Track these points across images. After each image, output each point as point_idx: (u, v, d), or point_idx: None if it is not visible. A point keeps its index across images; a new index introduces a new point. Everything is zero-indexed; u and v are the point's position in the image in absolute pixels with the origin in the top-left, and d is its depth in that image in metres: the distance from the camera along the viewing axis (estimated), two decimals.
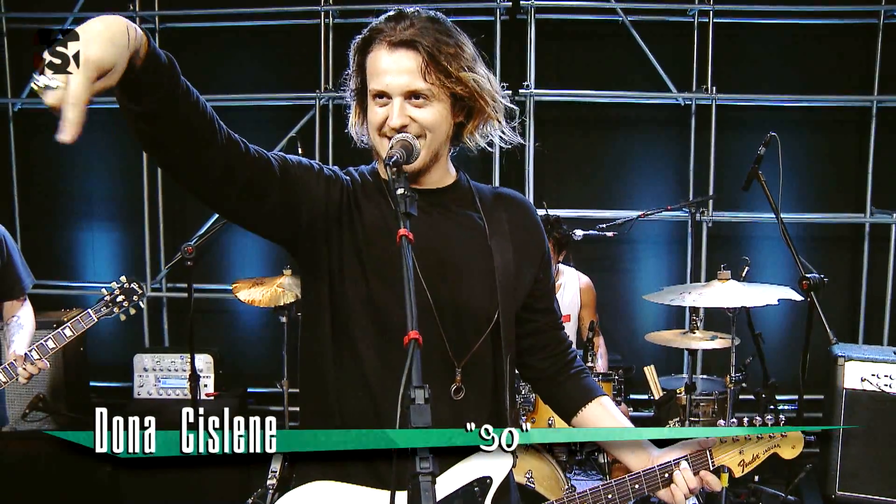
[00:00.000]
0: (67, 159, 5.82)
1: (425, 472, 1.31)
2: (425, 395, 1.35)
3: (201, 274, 5.57)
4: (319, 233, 1.74)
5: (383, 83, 1.67)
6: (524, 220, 1.90)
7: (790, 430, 1.93)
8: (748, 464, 1.93)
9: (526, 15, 5.37)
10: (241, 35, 5.58)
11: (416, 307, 1.43)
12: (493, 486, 1.77)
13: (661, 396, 4.35)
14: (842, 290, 5.59)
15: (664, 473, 1.83)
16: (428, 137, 1.71)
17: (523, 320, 1.93)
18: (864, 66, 5.40)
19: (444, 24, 1.71)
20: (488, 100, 1.74)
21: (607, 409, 1.93)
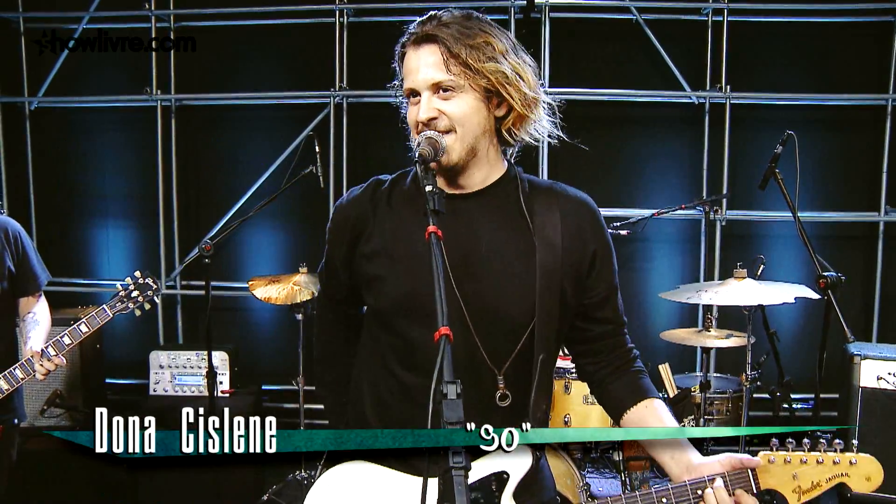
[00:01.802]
0: (83, 157, 5.85)
1: (458, 466, 1.33)
2: (458, 390, 1.37)
3: (217, 271, 5.60)
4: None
5: (412, 81, 1.70)
6: (579, 221, 1.84)
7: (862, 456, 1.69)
8: (806, 491, 1.67)
9: (540, 14, 5.37)
10: (255, 33, 5.60)
11: (446, 307, 1.45)
12: (512, 482, 1.76)
13: (676, 394, 4.35)
14: (856, 288, 5.57)
15: (696, 490, 1.68)
16: (459, 132, 1.71)
17: (578, 328, 1.89)
18: (878, 65, 5.38)
19: (476, 19, 1.72)
20: (513, 92, 1.71)
21: (655, 411, 1.84)
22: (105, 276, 5.86)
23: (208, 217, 5.63)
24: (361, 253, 1.84)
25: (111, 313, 3.36)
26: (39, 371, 3.18)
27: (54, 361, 3.21)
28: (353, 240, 1.85)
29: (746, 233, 5.54)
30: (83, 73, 5.69)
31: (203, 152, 5.84)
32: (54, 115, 5.82)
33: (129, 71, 5.65)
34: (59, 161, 5.87)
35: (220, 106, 5.70)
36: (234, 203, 5.60)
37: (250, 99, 5.60)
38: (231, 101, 5.64)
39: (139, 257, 5.86)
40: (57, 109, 5.80)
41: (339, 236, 1.89)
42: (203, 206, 5.79)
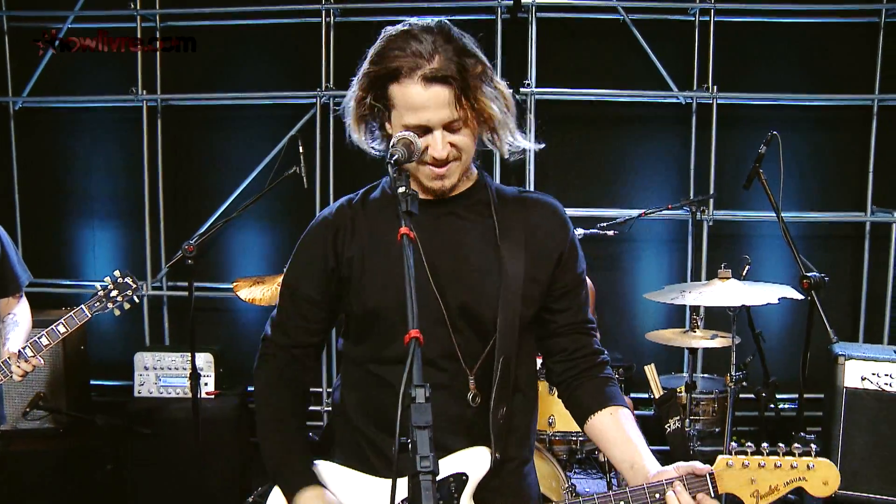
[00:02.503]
0: (68, 157, 5.83)
1: (426, 471, 1.32)
2: (426, 394, 1.37)
3: (202, 272, 5.58)
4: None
5: (424, 119, 1.71)
6: (544, 222, 1.90)
7: (819, 461, 1.66)
8: (763, 496, 1.67)
9: (527, 13, 5.36)
10: (242, 33, 5.58)
11: (427, 307, 1.47)
12: (471, 483, 1.80)
13: (662, 395, 4.35)
14: (842, 288, 5.59)
15: (654, 493, 1.69)
16: (463, 158, 1.78)
17: (542, 321, 1.93)
18: (865, 65, 5.38)
19: (460, 41, 1.75)
20: (502, 133, 1.81)
21: (618, 421, 1.85)
22: (91, 276, 5.82)
23: (194, 217, 5.60)
24: (342, 260, 1.86)
25: (89, 314, 3.35)
26: (16, 372, 3.16)
27: (31, 363, 3.19)
28: (335, 248, 1.87)
29: (733, 233, 5.55)
30: (68, 73, 5.65)
31: (189, 153, 5.81)
32: (39, 115, 5.78)
33: (116, 71, 5.62)
34: (45, 161, 5.83)
35: (207, 106, 5.68)
36: (221, 203, 5.58)
37: (237, 99, 5.58)
38: (217, 101, 5.62)
39: (125, 258, 5.83)
40: (42, 109, 5.77)
41: (317, 248, 1.89)
42: (189, 206, 5.77)
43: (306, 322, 1.93)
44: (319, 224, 1.92)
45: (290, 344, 1.95)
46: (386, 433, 1.83)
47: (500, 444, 1.81)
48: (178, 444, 4.37)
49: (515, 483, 1.91)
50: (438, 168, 1.76)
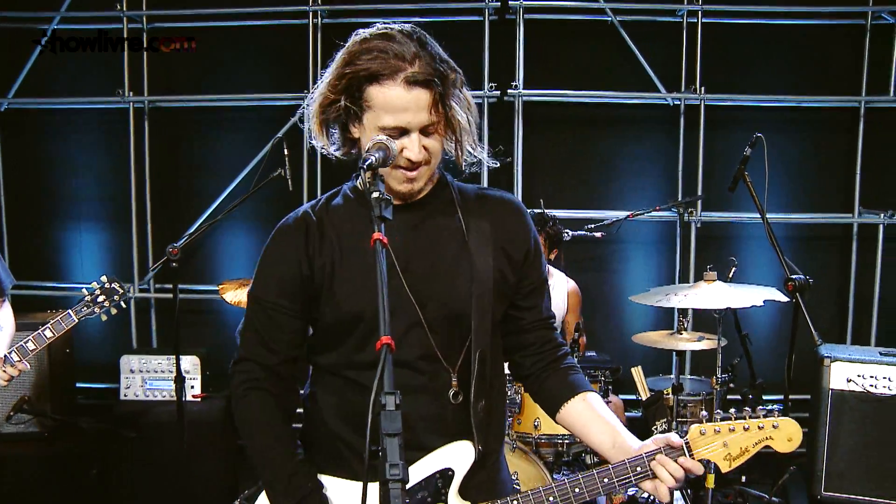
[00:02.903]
0: (55, 159, 5.80)
1: (395, 479, 1.32)
2: (396, 401, 1.38)
3: (189, 275, 5.57)
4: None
5: (404, 121, 1.72)
6: (507, 220, 1.93)
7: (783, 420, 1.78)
8: (735, 458, 1.78)
9: (515, 15, 5.36)
10: (229, 35, 5.56)
11: (390, 312, 1.47)
12: (457, 478, 1.82)
13: (649, 397, 4.34)
14: (830, 289, 5.60)
15: (636, 467, 1.76)
16: (432, 163, 1.80)
17: (509, 318, 1.97)
18: (851, 67, 5.40)
19: (435, 47, 1.76)
20: (465, 143, 1.82)
21: (591, 405, 1.92)
22: (77, 279, 5.80)
23: (182, 220, 5.58)
24: (315, 268, 1.84)
25: (76, 318, 3.35)
26: (2, 377, 3.15)
27: (18, 367, 3.19)
28: (307, 254, 1.84)
29: (721, 234, 5.55)
30: (54, 74, 5.63)
31: (176, 154, 5.79)
32: (25, 117, 5.75)
33: (102, 72, 5.60)
34: (31, 163, 5.81)
35: (194, 108, 5.67)
36: (208, 206, 5.56)
37: (224, 101, 5.57)
38: (205, 102, 5.60)
39: (112, 260, 5.81)
40: (28, 110, 5.74)
41: (288, 255, 1.85)
42: (177, 208, 5.75)
43: (286, 335, 1.88)
44: (286, 233, 1.88)
45: (276, 360, 1.88)
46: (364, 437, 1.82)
47: (482, 437, 1.83)
48: (165, 447, 4.35)
49: (495, 475, 1.95)
50: (410, 171, 1.77)
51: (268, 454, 1.85)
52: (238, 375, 1.91)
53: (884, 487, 3.90)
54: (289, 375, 1.92)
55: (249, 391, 1.89)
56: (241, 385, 1.89)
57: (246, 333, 1.92)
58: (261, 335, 1.89)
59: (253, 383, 1.89)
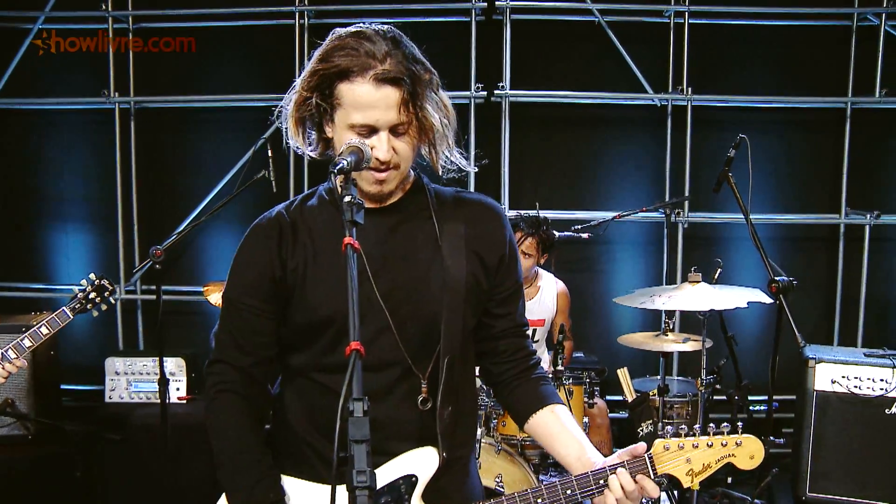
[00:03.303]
0: (40, 160, 5.76)
1: (362, 486, 1.31)
2: (364, 408, 1.36)
3: (175, 276, 5.55)
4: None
5: (372, 118, 1.70)
6: (483, 224, 1.91)
7: (746, 437, 1.80)
8: (698, 473, 1.80)
9: (501, 15, 5.35)
10: (215, 35, 5.54)
11: (360, 317, 1.45)
12: (420, 484, 1.81)
13: (635, 399, 4.35)
14: (817, 290, 5.62)
15: (598, 479, 1.76)
16: (402, 167, 1.78)
17: (482, 325, 1.95)
18: (838, 68, 5.41)
19: (410, 48, 1.74)
20: (440, 149, 1.81)
21: (558, 417, 1.92)
22: (64, 280, 5.77)
23: (169, 221, 5.56)
24: (287, 269, 1.83)
25: (71, 315, 3.38)
26: (0, 374, 3.16)
27: (15, 364, 3.22)
28: (280, 256, 1.83)
29: (709, 235, 5.56)
30: (39, 75, 5.60)
31: (163, 155, 5.77)
32: (9, 117, 5.72)
33: (88, 72, 5.57)
34: (16, 163, 5.77)
35: (180, 108, 5.64)
36: (195, 207, 5.54)
37: (210, 101, 5.54)
38: (191, 103, 5.58)
39: (98, 262, 5.78)
40: (12, 111, 5.70)
41: (260, 256, 1.84)
42: (163, 209, 5.72)
43: (260, 336, 1.86)
44: (259, 233, 1.87)
45: (250, 362, 1.86)
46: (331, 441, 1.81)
47: (447, 444, 1.82)
48: (150, 449, 4.32)
49: (461, 481, 1.94)
50: (379, 173, 1.75)
51: (232, 459, 1.82)
52: (211, 377, 1.89)
53: (868, 488, 3.91)
54: (262, 377, 1.90)
55: (220, 393, 1.86)
56: (213, 387, 1.87)
57: (220, 335, 1.90)
58: (234, 337, 1.86)
59: (225, 385, 1.86)
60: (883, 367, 3.94)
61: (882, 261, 5.57)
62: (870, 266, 5.49)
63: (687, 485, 1.81)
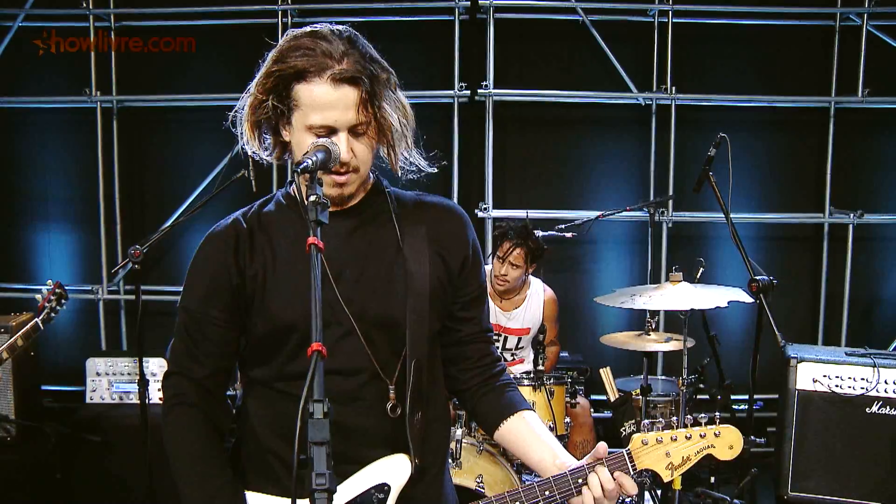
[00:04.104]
0: (22, 159, 5.72)
1: (322, 489, 1.29)
2: (324, 409, 1.34)
3: (157, 276, 5.52)
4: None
5: (331, 119, 1.67)
6: (445, 227, 1.88)
7: (724, 427, 1.79)
8: (678, 467, 1.78)
9: (485, 14, 5.34)
10: (197, 34, 5.49)
11: (323, 321, 1.42)
12: (393, 493, 1.77)
13: (617, 398, 4.34)
14: (801, 289, 5.63)
15: (577, 479, 1.73)
16: (361, 171, 1.75)
17: (446, 329, 1.92)
18: (821, 68, 5.42)
19: (367, 47, 1.72)
20: (398, 149, 1.77)
21: (528, 424, 1.89)
22: (45, 280, 5.68)
23: (151, 221, 5.53)
24: (246, 277, 1.79)
25: (42, 326, 3.48)
26: None
27: None
28: (237, 264, 1.79)
29: (693, 234, 5.56)
30: (20, 73, 5.55)
31: (146, 155, 5.74)
32: None
33: (69, 71, 5.53)
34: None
35: (163, 108, 5.62)
36: (178, 206, 5.51)
37: (193, 101, 5.50)
38: (174, 102, 5.55)
39: (80, 261, 5.75)
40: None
41: (217, 265, 1.79)
42: (146, 209, 5.70)
43: (216, 346, 1.82)
44: (215, 241, 1.82)
45: (205, 374, 1.82)
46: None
47: (419, 451, 1.79)
48: (130, 451, 4.29)
49: (435, 490, 1.90)
50: (339, 176, 1.72)
51: (189, 472, 1.78)
52: (166, 390, 1.85)
53: (849, 487, 3.91)
54: (218, 389, 1.86)
55: (175, 406, 1.82)
56: (169, 400, 1.84)
57: (175, 346, 1.86)
58: (189, 347, 1.83)
59: (180, 398, 1.82)
60: (864, 366, 3.94)
61: (866, 260, 5.58)
62: (853, 265, 5.50)
63: (667, 479, 1.79)
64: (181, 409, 1.82)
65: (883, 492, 3.86)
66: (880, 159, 5.59)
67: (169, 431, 1.82)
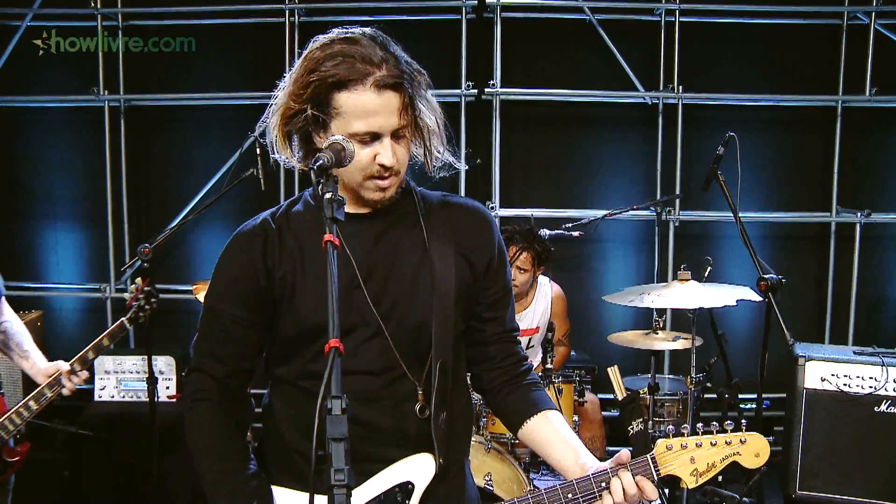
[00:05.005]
0: (29, 158, 5.74)
1: (340, 485, 1.30)
2: (342, 406, 1.35)
3: (165, 275, 5.53)
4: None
5: (376, 125, 1.67)
6: (470, 228, 1.88)
7: (751, 435, 1.77)
8: (702, 473, 1.76)
9: (492, 13, 5.34)
10: (205, 33, 5.51)
11: (338, 315, 1.44)
12: (417, 492, 1.78)
13: (625, 397, 4.34)
14: (808, 289, 5.63)
15: (600, 482, 1.72)
16: (400, 174, 1.76)
17: (471, 329, 1.92)
18: (828, 67, 5.41)
19: (398, 50, 1.72)
20: (433, 148, 1.80)
21: (552, 423, 1.88)
22: (53, 279, 5.76)
23: (159, 219, 5.55)
24: (274, 279, 1.79)
25: (129, 326, 3.48)
26: (69, 387, 3.29)
27: (81, 377, 3.33)
28: (265, 265, 1.79)
29: (700, 233, 5.56)
30: (28, 72, 5.57)
31: (153, 154, 5.75)
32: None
33: (77, 70, 5.54)
34: (5, 162, 5.75)
35: (171, 106, 5.63)
36: (186, 205, 5.52)
37: (201, 99, 5.52)
38: (181, 101, 5.56)
39: (88, 260, 5.76)
40: (2, 109, 5.67)
41: (244, 266, 1.79)
42: (153, 208, 5.71)
43: (239, 346, 1.83)
44: (242, 240, 1.82)
45: (226, 373, 1.83)
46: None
47: (443, 450, 1.79)
48: (139, 448, 4.30)
49: (458, 488, 1.91)
50: (382, 181, 1.72)
51: (210, 469, 1.79)
52: (188, 386, 1.86)
53: (857, 486, 3.90)
54: (239, 387, 1.87)
55: (197, 402, 1.83)
56: (190, 396, 1.85)
57: (199, 342, 1.87)
58: (212, 345, 1.84)
59: (201, 394, 1.83)
60: (872, 365, 3.92)
61: (872, 259, 5.57)
62: (860, 264, 5.49)
63: (692, 485, 1.78)
64: (203, 405, 1.83)
65: (891, 491, 3.85)
66: (888, 158, 5.58)
67: (191, 427, 1.83)
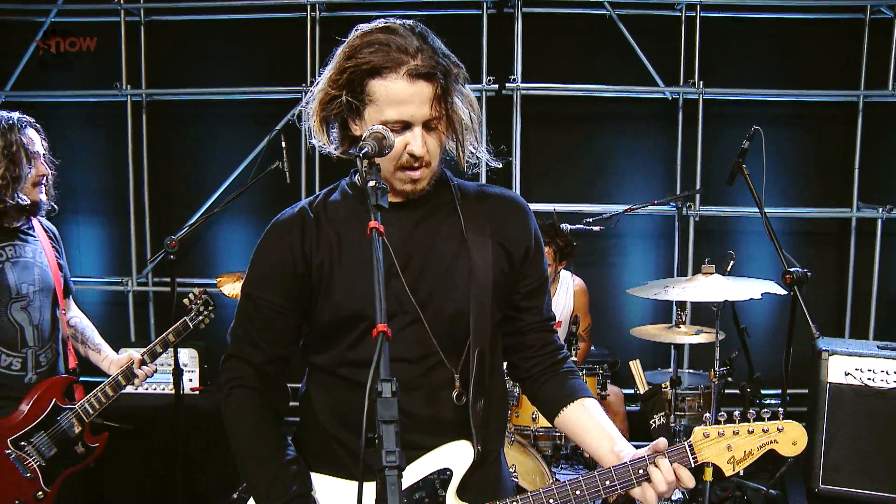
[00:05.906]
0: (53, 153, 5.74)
1: (392, 466, 1.31)
2: (392, 388, 1.36)
3: (187, 268, 5.56)
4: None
5: (407, 114, 1.69)
6: (507, 218, 1.89)
7: (788, 423, 1.76)
8: (739, 461, 1.76)
9: (513, 8, 5.35)
10: (226, 28, 5.56)
11: (390, 309, 1.45)
12: (455, 479, 1.79)
13: (647, 391, 4.35)
14: (828, 284, 5.60)
15: (638, 469, 1.72)
16: (432, 165, 1.77)
17: (509, 319, 1.93)
18: (850, 61, 5.40)
19: (438, 42, 1.74)
20: (466, 144, 1.80)
21: (588, 410, 1.89)
22: (76, 272, 5.75)
23: (180, 213, 5.58)
24: (312, 266, 1.81)
25: (191, 325, 3.53)
26: (140, 376, 3.38)
27: (150, 369, 3.42)
28: (303, 253, 1.81)
29: (720, 228, 5.55)
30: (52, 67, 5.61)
31: (175, 148, 5.79)
32: (22, 110, 5.67)
33: (99, 65, 5.58)
34: None
35: (192, 101, 5.65)
36: (207, 199, 5.56)
37: (222, 94, 5.55)
38: (203, 96, 5.59)
39: (110, 254, 5.80)
40: (25, 104, 5.65)
41: (282, 253, 1.82)
42: (175, 201, 5.74)
43: (276, 333, 1.85)
44: (280, 229, 1.85)
45: (264, 360, 1.85)
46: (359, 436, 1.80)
47: (481, 438, 1.80)
48: (163, 440, 4.34)
49: (494, 476, 1.92)
50: (413, 171, 1.74)
51: (250, 455, 1.81)
52: (225, 373, 1.88)
53: (881, 480, 3.89)
54: (276, 374, 1.89)
55: (234, 389, 1.85)
56: (228, 383, 1.87)
57: (236, 330, 1.88)
58: (249, 332, 1.86)
59: (239, 381, 1.85)
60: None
61: (894, 255, 5.55)
62: (881, 260, 5.47)
63: (729, 473, 1.77)
64: (240, 391, 1.85)
65: None
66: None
67: (229, 413, 1.85)
